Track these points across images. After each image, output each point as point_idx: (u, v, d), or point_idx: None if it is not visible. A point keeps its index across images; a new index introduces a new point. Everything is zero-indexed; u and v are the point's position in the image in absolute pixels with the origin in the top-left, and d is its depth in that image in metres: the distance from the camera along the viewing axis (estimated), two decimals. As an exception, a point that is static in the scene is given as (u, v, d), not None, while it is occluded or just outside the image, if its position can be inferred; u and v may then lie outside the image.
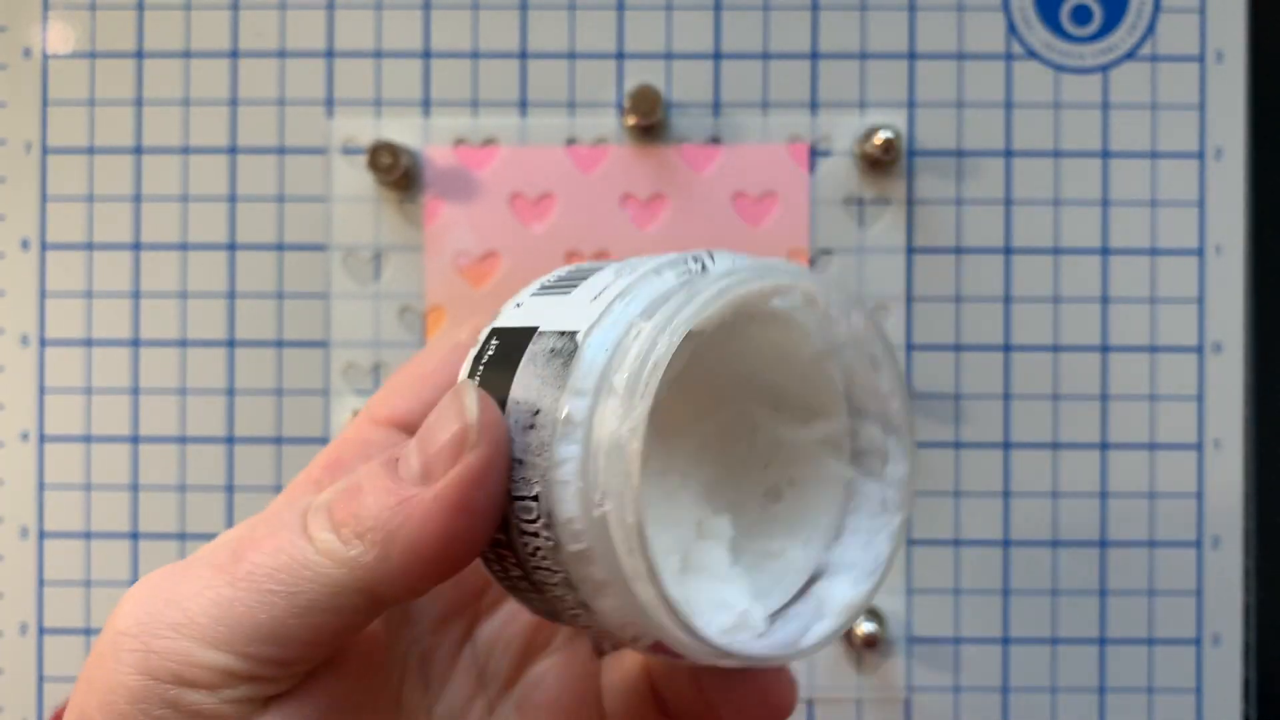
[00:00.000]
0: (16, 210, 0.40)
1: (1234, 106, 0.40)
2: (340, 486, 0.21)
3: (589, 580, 0.19)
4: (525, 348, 0.20)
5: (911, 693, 0.40)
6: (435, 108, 0.40)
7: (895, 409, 0.22)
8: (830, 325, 0.21)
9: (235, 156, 0.40)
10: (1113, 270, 0.40)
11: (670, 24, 0.40)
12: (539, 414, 0.19)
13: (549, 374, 0.19)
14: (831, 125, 0.40)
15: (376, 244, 0.40)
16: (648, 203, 0.40)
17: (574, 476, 0.19)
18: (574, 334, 0.19)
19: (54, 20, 0.40)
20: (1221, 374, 0.40)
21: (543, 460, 0.19)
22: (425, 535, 0.19)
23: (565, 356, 0.19)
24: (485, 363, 0.21)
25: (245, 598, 0.20)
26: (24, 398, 0.40)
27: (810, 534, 0.23)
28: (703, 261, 0.21)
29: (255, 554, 0.20)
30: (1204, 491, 0.40)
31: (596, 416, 0.19)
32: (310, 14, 0.40)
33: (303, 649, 0.20)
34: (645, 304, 0.20)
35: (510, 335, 0.21)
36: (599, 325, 0.19)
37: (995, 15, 0.40)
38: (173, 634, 0.20)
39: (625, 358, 0.19)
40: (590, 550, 0.19)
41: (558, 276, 0.22)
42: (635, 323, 0.19)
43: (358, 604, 0.20)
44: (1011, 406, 0.40)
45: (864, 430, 0.22)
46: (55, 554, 0.40)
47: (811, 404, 0.23)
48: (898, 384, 0.22)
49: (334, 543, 0.20)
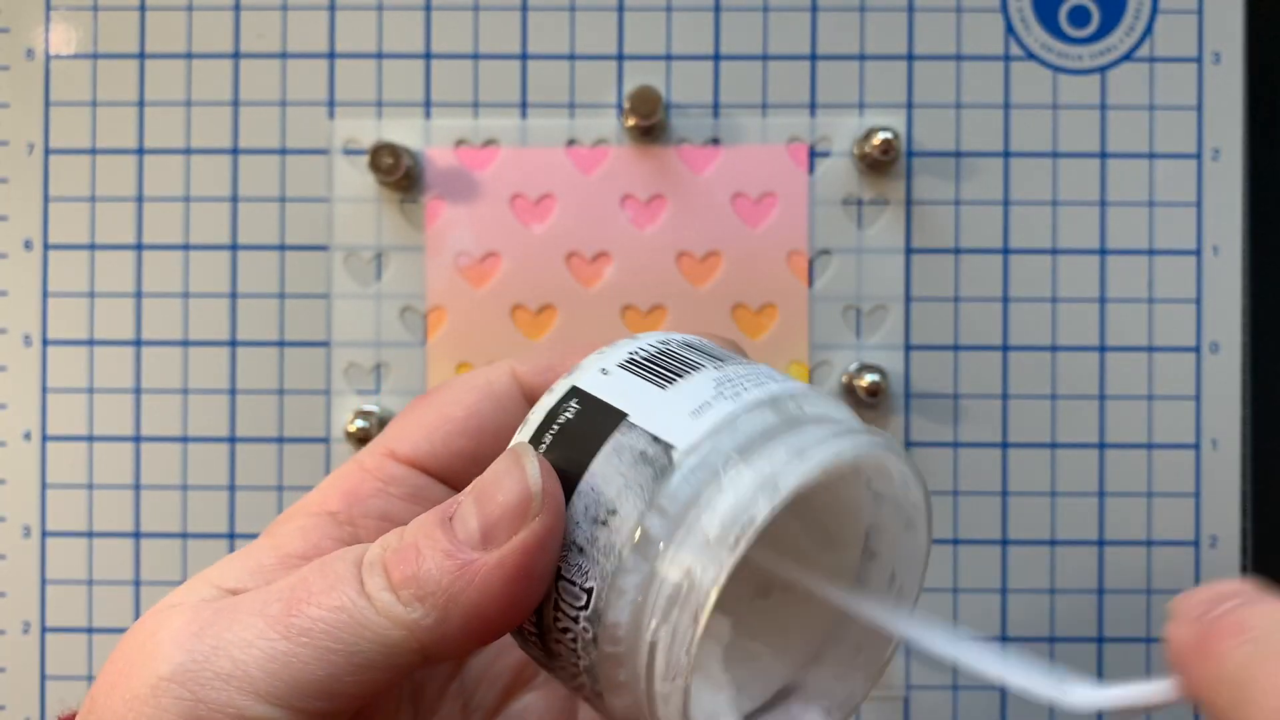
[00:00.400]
0: (19, 211, 0.40)
1: (1231, 107, 0.40)
2: (393, 544, 0.21)
3: (611, 678, 0.20)
4: (611, 433, 0.20)
5: (910, 691, 0.40)
6: (436, 109, 0.40)
7: (913, 573, 0.22)
8: (887, 484, 0.21)
9: (237, 157, 0.40)
10: (1111, 270, 0.40)
11: (670, 25, 0.40)
12: (616, 515, 0.19)
13: (635, 478, 0.19)
14: (830, 126, 0.40)
15: (378, 244, 0.40)
16: (647, 204, 0.40)
17: (634, 589, 0.19)
18: (670, 447, 0.19)
19: (56, 21, 0.40)
20: (1219, 374, 0.40)
21: (608, 562, 0.19)
22: (486, 600, 0.20)
23: (656, 469, 0.19)
24: (561, 424, 0.21)
25: (303, 654, 0.20)
26: (27, 397, 0.40)
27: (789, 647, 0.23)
28: (801, 405, 0.21)
29: (313, 609, 0.20)
30: (1201, 490, 0.40)
31: (675, 545, 0.19)
32: (312, 15, 0.40)
33: (352, 702, 0.20)
34: (744, 441, 0.19)
35: (595, 406, 0.21)
36: (697, 450, 0.19)
37: (993, 17, 0.40)
38: (224, 685, 0.20)
39: (719, 499, 0.19)
40: (623, 656, 0.19)
41: (651, 354, 0.22)
42: (733, 461, 0.19)
43: (412, 662, 0.20)
44: (1010, 406, 0.40)
45: (871, 573, 0.22)
46: (58, 553, 0.40)
47: (830, 527, 0.23)
48: (924, 555, 0.22)
49: (394, 605, 0.20)
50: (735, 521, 0.18)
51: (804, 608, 0.23)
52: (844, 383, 0.40)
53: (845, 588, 0.22)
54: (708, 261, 0.40)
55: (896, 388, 0.40)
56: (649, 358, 0.21)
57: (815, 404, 0.21)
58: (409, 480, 0.24)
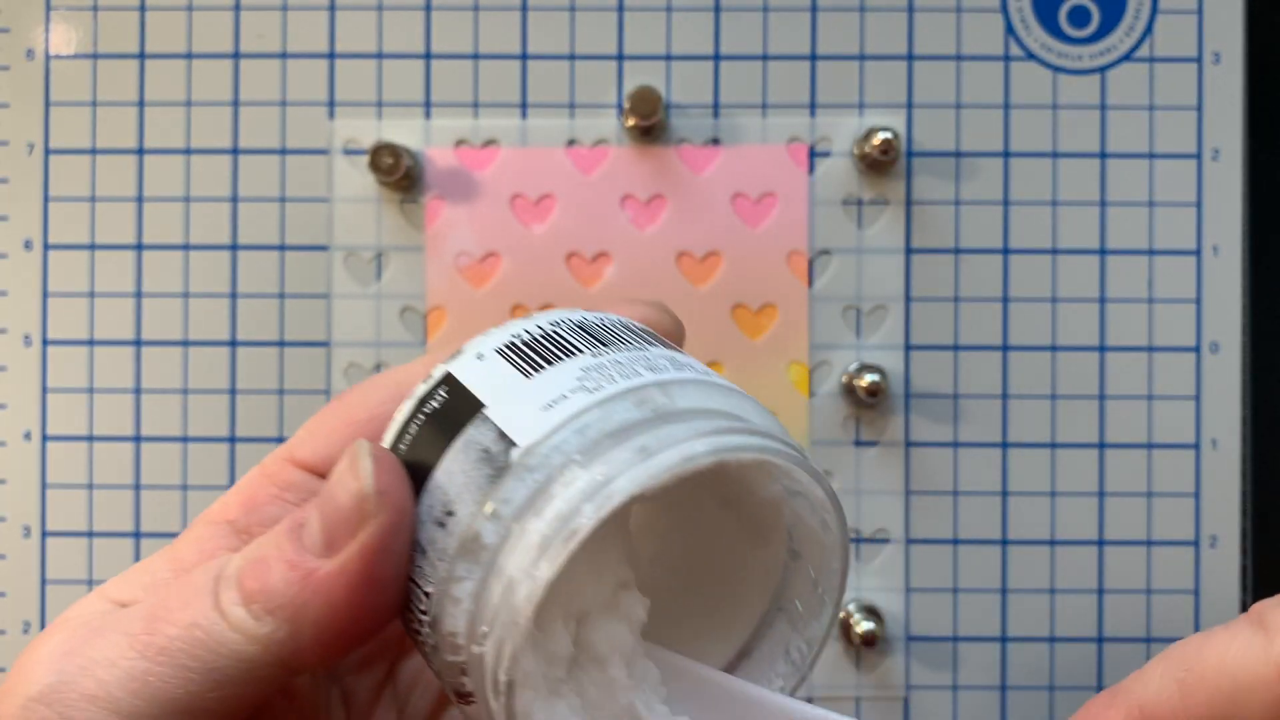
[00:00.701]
0: (19, 211, 0.40)
1: (1231, 107, 0.40)
2: (250, 554, 0.20)
3: (461, 687, 0.19)
4: (466, 425, 0.19)
5: (910, 691, 0.40)
6: (436, 109, 0.40)
7: (831, 572, 0.21)
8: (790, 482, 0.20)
9: (237, 157, 0.40)
10: (1110, 270, 0.40)
11: (670, 26, 0.40)
12: (452, 517, 0.18)
13: (475, 477, 0.18)
14: (830, 126, 0.40)
15: (378, 244, 0.40)
16: (647, 203, 0.40)
17: (467, 598, 0.18)
18: (512, 446, 0.18)
19: (57, 22, 0.40)
20: (1219, 374, 0.40)
21: (442, 567, 0.18)
22: (334, 609, 0.19)
23: (495, 468, 0.18)
24: (428, 414, 0.20)
25: (162, 673, 0.19)
26: (27, 397, 0.40)
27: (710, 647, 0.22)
28: (673, 397, 0.19)
29: (169, 626, 0.20)
30: (1201, 490, 0.40)
31: (504, 552, 0.18)
32: (312, 16, 0.40)
33: (219, 718, 0.20)
34: (591, 441, 0.18)
35: (459, 395, 0.19)
36: (538, 448, 0.18)
37: (993, 17, 0.40)
38: (88, 705, 0.19)
39: (548, 507, 0.18)
40: (466, 666, 0.19)
41: (530, 339, 0.20)
42: (573, 463, 0.18)
43: (274, 675, 0.20)
44: (1009, 406, 0.40)
45: (795, 574, 0.21)
46: (58, 553, 0.40)
47: (757, 524, 0.22)
48: (841, 553, 0.21)
49: (246, 620, 0.19)
50: (557, 533, 0.17)
51: (732, 610, 0.22)
52: (844, 383, 0.40)
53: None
54: (708, 261, 0.40)
55: (896, 388, 0.40)
56: (528, 342, 0.20)
57: (691, 397, 0.19)
58: (307, 486, 0.23)
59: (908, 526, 0.40)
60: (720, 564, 0.22)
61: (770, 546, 0.21)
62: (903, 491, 0.40)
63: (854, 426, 0.40)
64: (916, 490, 0.40)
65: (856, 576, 0.40)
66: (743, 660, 0.22)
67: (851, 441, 0.40)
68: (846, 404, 0.40)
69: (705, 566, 0.22)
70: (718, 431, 0.18)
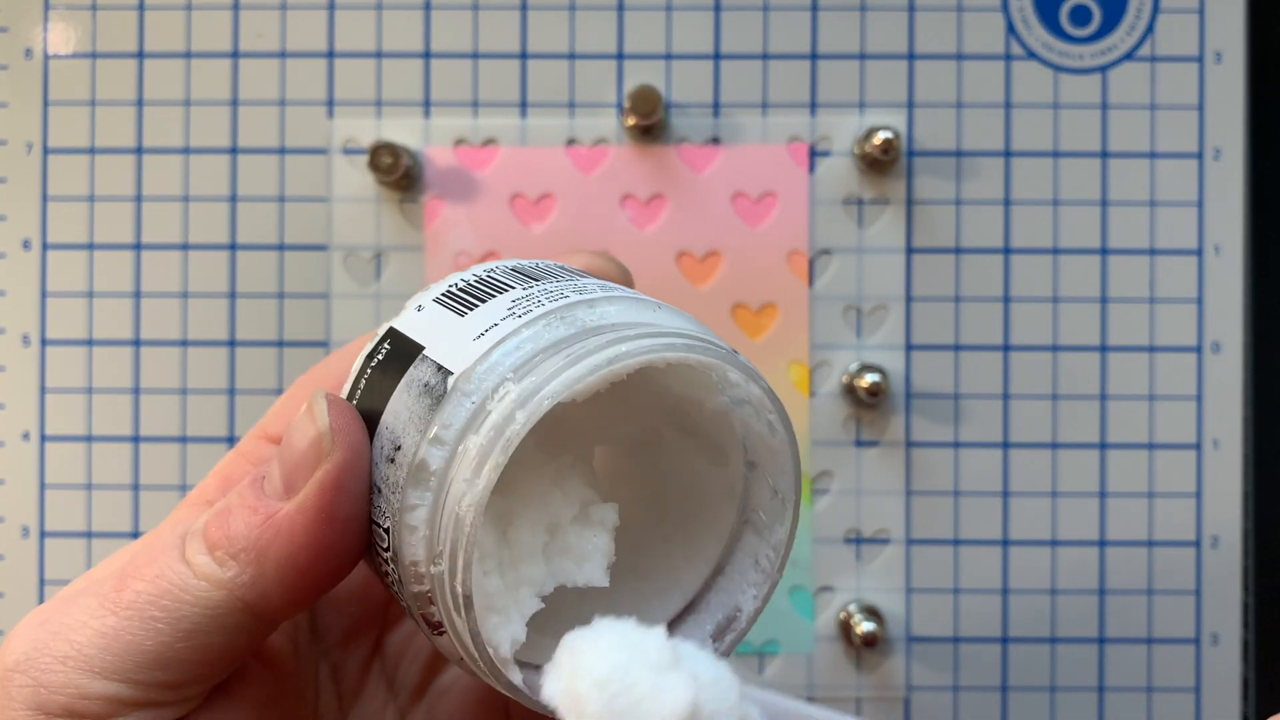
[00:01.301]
0: (18, 210, 0.40)
1: (1233, 107, 0.40)
2: (215, 509, 0.21)
3: (429, 617, 0.20)
4: (408, 367, 0.20)
5: (911, 691, 0.40)
6: (436, 108, 0.40)
7: (785, 475, 0.21)
8: (729, 388, 0.21)
9: (236, 157, 0.40)
10: (1112, 270, 0.40)
11: (670, 25, 0.40)
12: (400, 450, 0.19)
13: (417, 410, 0.19)
14: (831, 126, 0.40)
15: (377, 244, 0.40)
16: (647, 203, 0.40)
17: (422, 524, 0.19)
18: (449, 375, 0.19)
19: (55, 21, 0.40)
20: (1220, 374, 0.40)
21: (396, 499, 0.19)
22: (295, 548, 0.20)
23: (434, 398, 0.19)
24: (375, 365, 0.21)
25: (130, 626, 0.20)
26: (25, 398, 0.40)
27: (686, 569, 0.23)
28: (601, 314, 0.20)
29: (136, 581, 0.20)
30: (1203, 491, 0.40)
31: (451, 472, 0.19)
32: (311, 15, 0.40)
33: (193, 671, 0.20)
34: (523, 359, 0.19)
35: (402, 344, 0.20)
36: (473, 373, 0.19)
37: (994, 16, 0.40)
38: (61, 667, 0.20)
39: (485, 421, 0.18)
40: (431, 593, 0.19)
41: (463, 285, 0.21)
42: (506, 380, 0.19)
43: (242, 623, 0.20)
44: (1010, 406, 0.40)
45: (755, 485, 0.22)
46: (56, 553, 0.40)
47: (716, 442, 0.22)
48: (790, 452, 0.21)
49: (210, 565, 0.20)
50: (493, 442, 0.18)
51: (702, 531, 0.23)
52: (844, 383, 0.40)
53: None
54: (708, 261, 0.40)
55: (897, 388, 0.40)
56: (463, 287, 0.21)
57: (619, 312, 0.20)
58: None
59: (908, 527, 0.40)
60: (688, 491, 0.23)
61: (730, 464, 0.22)
62: (903, 491, 0.40)
63: (854, 426, 0.40)
64: (917, 490, 0.40)
65: (857, 577, 0.40)
66: (717, 577, 0.23)
67: (852, 441, 0.40)
68: (847, 404, 0.40)
69: (675, 496, 0.23)
70: (641, 336, 0.19)
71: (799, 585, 0.40)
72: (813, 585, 0.40)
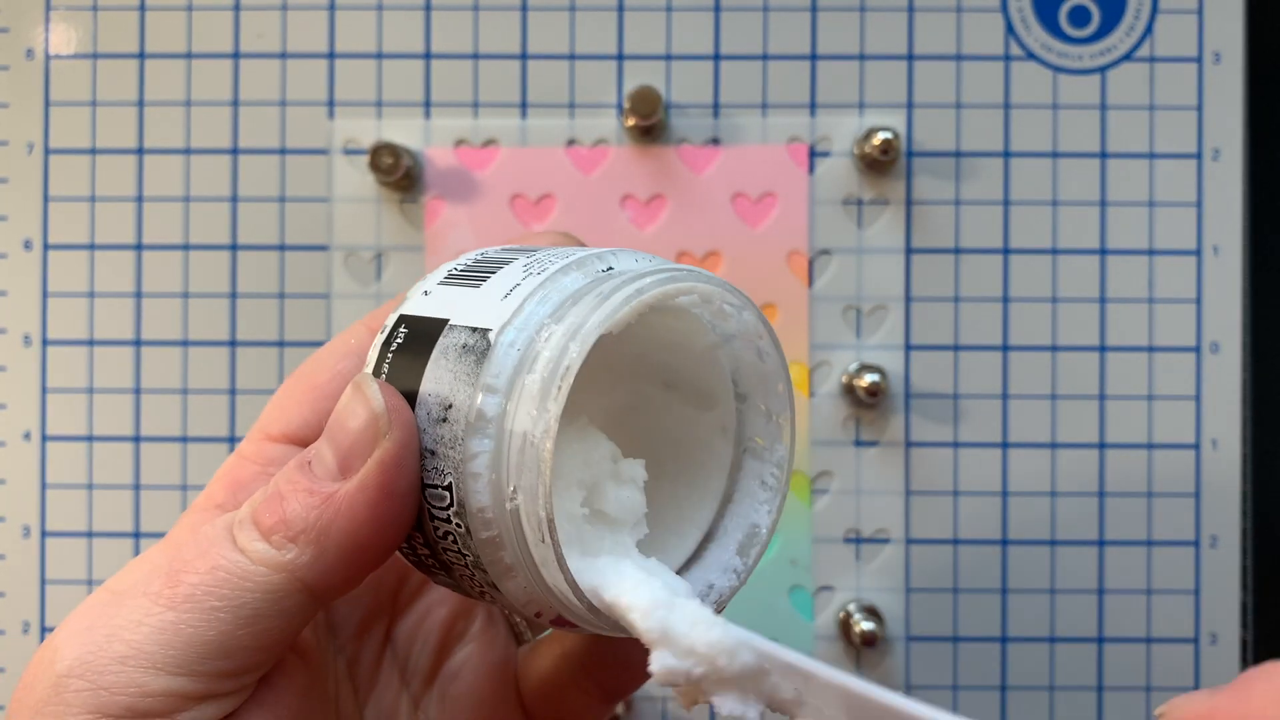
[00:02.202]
0: (19, 211, 0.40)
1: (1232, 107, 0.40)
2: (259, 498, 0.21)
3: (498, 564, 0.20)
4: (436, 340, 0.21)
5: (911, 691, 0.40)
6: (436, 109, 0.40)
7: (778, 394, 0.23)
8: (724, 320, 0.22)
9: (237, 157, 0.40)
10: (1111, 270, 0.40)
11: (670, 25, 0.40)
12: (451, 408, 0.20)
13: (462, 369, 0.20)
14: (830, 126, 0.40)
15: (378, 245, 0.40)
16: (647, 204, 0.40)
17: (486, 469, 0.20)
18: (487, 331, 0.20)
19: (56, 21, 0.40)
20: (1219, 374, 0.40)
21: (455, 453, 0.20)
22: (356, 525, 0.20)
23: (478, 354, 0.20)
24: (395, 350, 0.22)
25: (190, 619, 0.20)
26: (26, 398, 0.40)
27: (695, 511, 0.24)
28: (608, 263, 0.22)
29: (190, 575, 0.20)
30: (1201, 491, 0.40)
31: (509, 414, 0.20)
32: (312, 15, 0.40)
33: (252, 657, 0.21)
34: (555, 305, 0.20)
35: (420, 324, 0.22)
36: (511, 325, 0.20)
37: (994, 17, 0.40)
38: (120, 667, 0.20)
39: (538, 360, 0.20)
40: (500, 538, 0.20)
41: (465, 265, 0.23)
42: (546, 324, 0.20)
43: (301, 603, 0.21)
44: (1010, 406, 0.40)
45: (749, 414, 0.24)
46: (57, 553, 0.40)
47: (701, 388, 0.24)
48: (782, 372, 0.23)
49: (268, 550, 0.20)
50: (555, 374, 0.19)
51: (704, 472, 0.24)
52: (844, 383, 0.40)
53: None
54: (708, 261, 0.40)
55: (896, 388, 0.40)
56: (466, 269, 0.22)
57: (626, 261, 0.22)
58: (288, 455, 0.24)
59: (908, 526, 0.40)
60: (681, 440, 0.24)
61: (719, 405, 0.24)
62: (903, 491, 0.40)
63: (854, 426, 0.40)
64: (916, 490, 0.40)
65: (857, 576, 0.40)
66: (728, 505, 0.24)
67: (851, 441, 0.40)
68: (846, 404, 0.40)
69: (670, 448, 0.24)
70: (657, 273, 0.21)
71: (798, 585, 0.40)
72: (812, 585, 0.40)
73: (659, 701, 0.39)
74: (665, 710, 0.40)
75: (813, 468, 0.40)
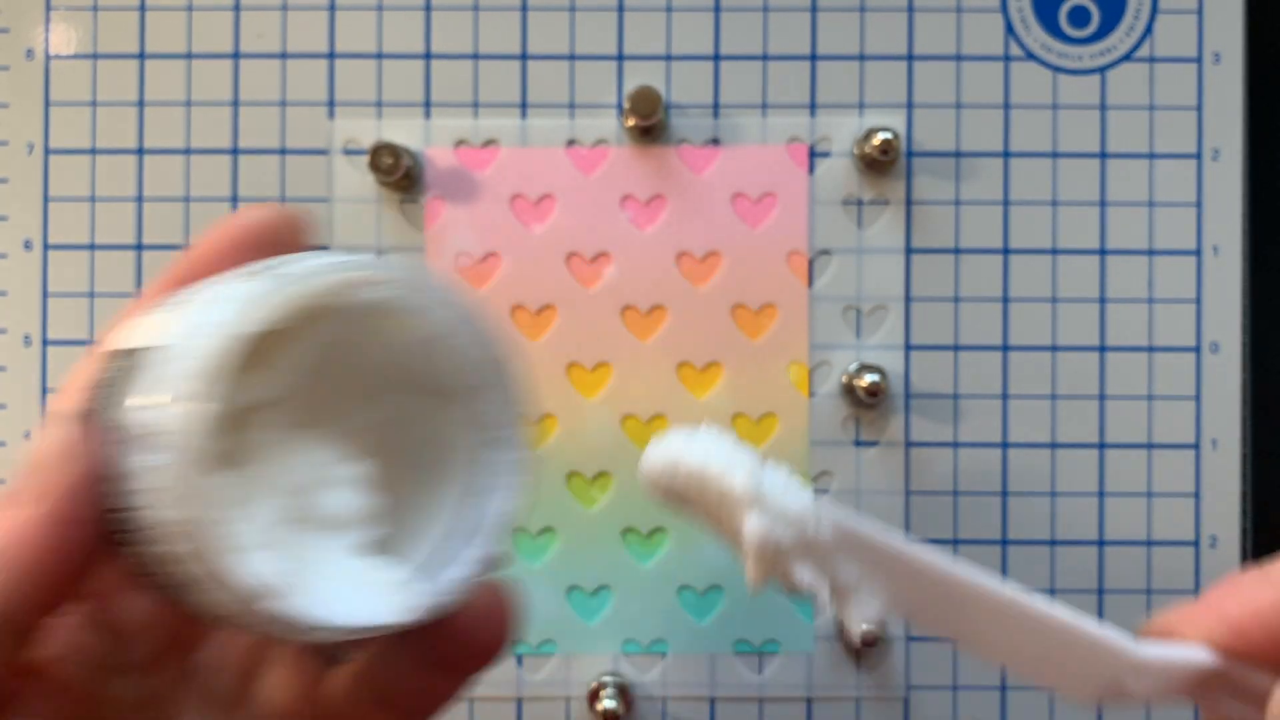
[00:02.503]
0: (19, 211, 0.40)
1: (1231, 107, 0.40)
2: None
3: (180, 582, 0.20)
4: (115, 365, 0.21)
5: (910, 691, 0.40)
6: (436, 109, 0.40)
7: (503, 381, 0.23)
8: (426, 315, 0.22)
9: (237, 157, 0.40)
10: (1110, 271, 0.40)
11: (670, 25, 0.40)
12: (120, 428, 0.20)
13: (127, 389, 0.20)
14: (830, 126, 0.40)
15: (378, 245, 0.40)
16: (647, 204, 0.40)
17: (148, 484, 0.20)
18: (146, 348, 0.20)
19: (56, 21, 0.40)
20: (1219, 374, 0.40)
21: (122, 478, 0.20)
22: (39, 554, 0.20)
23: (140, 369, 0.20)
24: (95, 387, 0.22)
25: None
26: (27, 398, 0.40)
27: (440, 505, 0.24)
28: (288, 265, 0.21)
29: None
30: (1201, 491, 0.40)
31: (164, 425, 0.19)
32: (312, 15, 0.40)
33: None
34: (211, 310, 0.20)
35: (115, 357, 0.22)
36: (168, 333, 0.20)
37: (993, 17, 0.40)
38: None
39: (185, 365, 0.19)
40: (171, 553, 0.20)
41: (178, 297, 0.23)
42: (203, 327, 0.20)
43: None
44: (1009, 406, 0.40)
45: (484, 405, 0.23)
46: (58, 553, 0.40)
47: (440, 385, 0.24)
48: (503, 362, 0.23)
49: None
50: (199, 373, 0.19)
51: (442, 464, 0.24)
52: (844, 383, 0.40)
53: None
54: (708, 261, 0.40)
55: (896, 388, 0.40)
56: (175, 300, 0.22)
57: (314, 261, 0.21)
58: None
59: (908, 526, 0.40)
60: (429, 439, 0.24)
61: (454, 396, 0.23)
62: (903, 491, 0.40)
63: (854, 427, 0.40)
64: (916, 490, 0.40)
65: (856, 577, 0.40)
66: (470, 498, 0.24)
67: (851, 441, 0.40)
68: (846, 404, 0.40)
69: (419, 449, 0.24)
70: (320, 273, 0.21)
71: (799, 585, 0.40)
72: (812, 585, 0.40)
73: (659, 702, 0.40)
74: (665, 710, 0.40)
75: (812, 468, 0.40)
